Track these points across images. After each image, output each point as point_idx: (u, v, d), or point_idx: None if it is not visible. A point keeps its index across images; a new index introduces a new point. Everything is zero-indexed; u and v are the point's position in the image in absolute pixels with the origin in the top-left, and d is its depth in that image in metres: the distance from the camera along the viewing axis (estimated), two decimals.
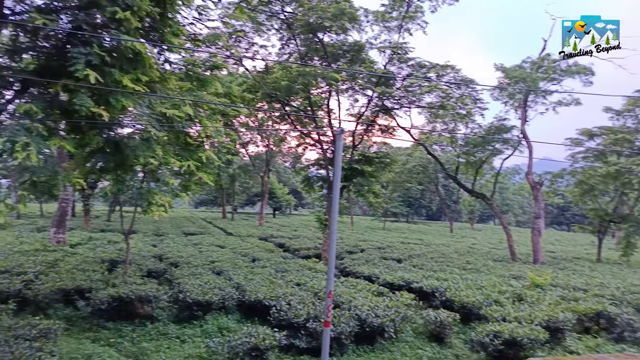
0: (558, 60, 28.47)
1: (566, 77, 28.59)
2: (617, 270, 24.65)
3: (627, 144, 30.65)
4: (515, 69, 27.82)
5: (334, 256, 8.30)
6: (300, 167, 31.66)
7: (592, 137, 32.79)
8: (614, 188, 33.39)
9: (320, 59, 22.44)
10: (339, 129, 8.84)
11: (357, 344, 10.16)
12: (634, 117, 32.77)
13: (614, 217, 32.41)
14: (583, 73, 27.91)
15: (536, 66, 27.94)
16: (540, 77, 27.84)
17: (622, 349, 10.92)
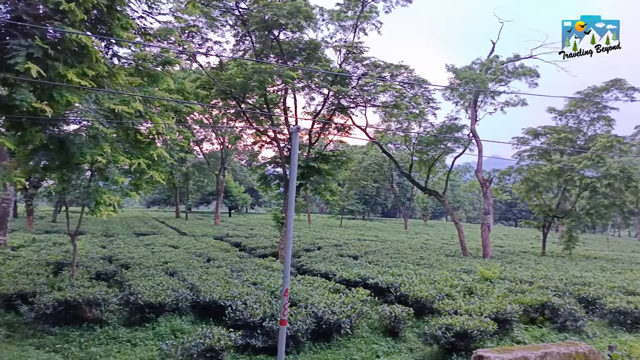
0: (505, 62, 29.72)
1: (513, 79, 29.90)
2: (560, 263, 26.01)
3: (569, 143, 32.41)
4: (466, 70, 28.76)
5: (290, 254, 8.28)
6: (257, 165, 31.37)
7: (537, 136, 34.43)
8: (557, 185, 35.22)
9: (276, 56, 22.32)
10: (295, 126, 8.81)
11: (314, 341, 10.19)
12: (575, 117, 34.68)
13: (557, 213, 34.17)
14: (529, 75, 29.25)
15: (485, 67, 29.00)
16: (489, 78, 28.92)
17: (565, 338, 11.53)
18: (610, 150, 30.17)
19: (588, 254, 35.72)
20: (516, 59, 29.95)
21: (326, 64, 22.07)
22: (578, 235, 33.59)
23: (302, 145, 24.13)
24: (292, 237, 8.53)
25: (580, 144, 33.05)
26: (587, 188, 31.98)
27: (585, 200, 33.38)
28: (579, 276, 18.60)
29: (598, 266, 24.97)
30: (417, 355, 10.18)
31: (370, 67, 22.52)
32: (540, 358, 4.72)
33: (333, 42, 22.83)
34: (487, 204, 30.38)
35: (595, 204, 31.54)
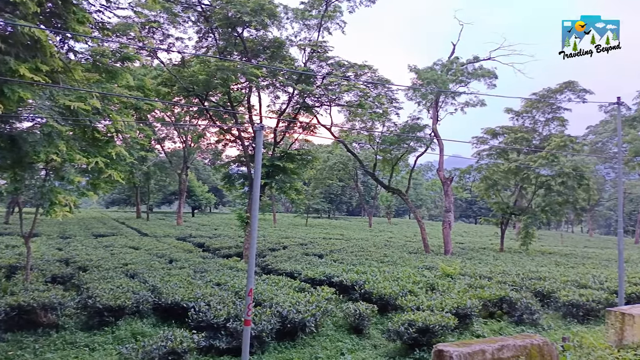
0: (465, 63, 30.50)
1: (473, 80, 30.72)
2: (518, 259, 26.95)
3: (526, 143, 33.60)
4: (427, 70, 29.33)
5: (255, 254, 8.22)
6: (221, 164, 30.95)
7: (495, 136, 35.52)
8: (514, 183, 36.43)
9: (239, 54, 22.07)
10: (259, 125, 8.75)
11: (279, 341, 10.17)
12: (531, 117, 35.98)
13: (515, 210, 35.36)
14: (487, 76, 30.14)
15: (446, 69, 29.67)
16: (450, 79, 29.61)
17: (521, 330, 11.97)
18: (564, 149, 31.48)
19: (543, 250, 37.17)
20: (475, 61, 30.80)
21: (291, 62, 22.02)
22: (534, 231, 34.88)
23: (267, 144, 23.99)
24: (257, 236, 8.48)
25: (536, 144, 34.32)
26: (543, 186, 33.25)
27: (540, 198, 34.68)
28: (535, 271, 19.32)
29: (553, 261, 26.00)
30: (381, 352, 10.32)
31: (334, 66, 22.62)
32: (497, 351, 4.89)
33: (297, 40, 22.78)
34: (448, 202, 31.10)
35: (550, 201, 32.83)
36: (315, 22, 22.45)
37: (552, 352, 5.29)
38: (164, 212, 75.36)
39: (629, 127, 34.38)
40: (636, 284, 15.93)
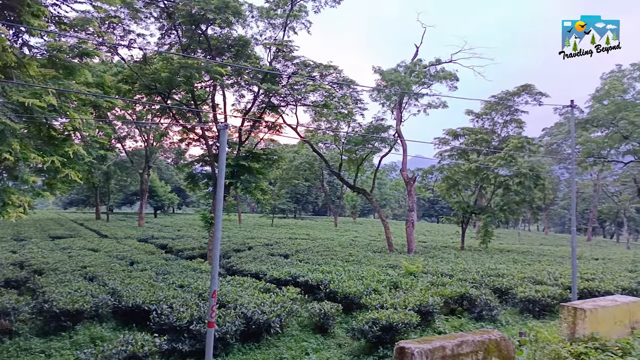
0: (428, 65, 31.12)
1: (435, 82, 31.40)
2: (478, 256, 27.73)
3: (485, 144, 34.63)
4: (391, 72, 29.77)
5: (218, 255, 8.12)
6: (184, 163, 30.39)
7: (456, 137, 36.42)
8: (474, 183, 37.49)
9: (203, 51, 21.75)
10: (223, 124, 8.65)
11: (243, 342, 10.09)
12: (490, 119, 37.11)
13: (475, 209, 36.39)
14: (449, 78, 30.86)
15: (409, 70, 30.19)
16: (413, 80, 30.17)
17: (481, 326, 12.33)
18: (521, 150, 32.63)
19: (502, 248, 38.42)
20: (438, 63, 31.48)
21: (256, 61, 21.87)
22: (493, 230, 36.02)
23: (231, 143, 23.74)
24: (222, 237, 8.39)
25: (495, 145, 35.44)
26: (501, 186, 34.38)
27: (499, 197, 35.84)
28: (493, 268, 19.92)
29: (511, 258, 26.89)
30: (346, 350, 10.41)
31: (300, 66, 22.63)
32: (457, 347, 5.03)
33: (263, 39, 22.69)
34: (411, 202, 31.66)
35: (508, 201, 33.97)
36: (280, 22, 22.41)
37: (508, 347, 5.49)
38: (125, 213, 73.29)
39: (582, 129, 35.94)
40: (588, 280, 16.70)
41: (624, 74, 34.91)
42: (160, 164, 72.67)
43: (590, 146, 36.93)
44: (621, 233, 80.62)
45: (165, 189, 68.21)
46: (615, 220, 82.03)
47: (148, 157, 52.94)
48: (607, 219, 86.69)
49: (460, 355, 5.00)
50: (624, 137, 34.78)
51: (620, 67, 35.39)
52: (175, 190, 72.68)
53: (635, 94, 34.55)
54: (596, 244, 63.52)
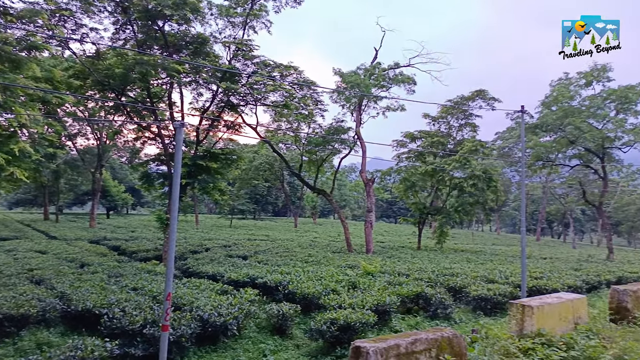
0: (387, 69, 31.63)
1: (394, 85, 31.94)
2: (433, 256, 28.43)
3: (441, 146, 35.56)
4: (351, 74, 30.04)
5: (174, 257, 7.93)
6: (139, 162, 29.46)
7: (413, 139, 37.22)
8: (430, 184, 38.43)
9: (160, 48, 21.19)
10: (179, 122, 8.45)
11: (199, 346, 9.90)
12: (446, 123, 38.15)
13: (431, 210, 37.29)
14: (407, 82, 31.48)
15: (369, 73, 30.56)
16: (373, 83, 30.55)
17: (436, 324, 12.62)
18: (475, 153, 33.73)
19: (456, 247, 39.57)
20: (396, 67, 32.05)
21: (215, 59, 21.52)
22: (448, 230, 37.07)
23: (189, 142, 23.27)
24: (178, 238, 8.19)
25: (450, 148, 36.45)
26: (456, 187, 35.40)
27: (454, 199, 36.88)
28: (448, 268, 20.48)
29: (464, 258, 27.75)
30: (303, 351, 10.40)
31: (260, 65, 22.45)
32: (411, 344, 5.13)
33: (222, 37, 22.36)
34: (370, 203, 32.06)
35: (463, 202, 35.01)
36: (240, 20, 22.17)
37: (460, 344, 5.65)
38: (75, 214, 70.34)
39: (532, 133, 37.47)
40: (537, 278, 17.45)
41: (571, 81, 36.69)
42: (113, 162, 70.20)
43: (539, 150, 38.59)
44: (567, 233, 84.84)
45: (118, 189, 65.94)
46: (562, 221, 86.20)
47: (101, 155, 51.06)
48: (554, 220, 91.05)
49: (414, 353, 5.10)
50: (570, 141, 36.56)
51: (568, 75, 37.16)
52: (130, 190, 70.38)
53: (581, 100, 36.35)
54: (545, 243, 66.56)
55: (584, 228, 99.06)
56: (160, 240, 26.48)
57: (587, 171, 49.41)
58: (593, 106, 35.44)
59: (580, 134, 35.00)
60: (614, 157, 41.24)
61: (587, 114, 35.35)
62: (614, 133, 36.14)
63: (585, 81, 35.89)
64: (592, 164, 40.29)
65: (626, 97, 34.05)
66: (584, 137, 35.11)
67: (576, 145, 37.57)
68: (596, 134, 34.97)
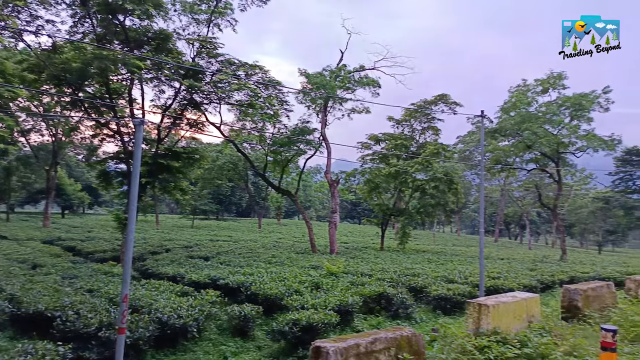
0: (352, 71, 31.91)
1: (359, 88, 32.25)
2: (396, 256, 28.84)
3: (404, 149, 36.16)
4: (317, 75, 30.14)
5: (131, 257, 7.71)
6: (96, 160, 28.50)
7: (378, 142, 37.70)
8: (394, 186, 39.01)
9: (121, 43, 20.56)
10: (139, 119, 8.22)
11: (158, 348, 9.65)
12: (409, 126, 38.84)
13: (394, 211, 37.87)
14: (372, 85, 31.86)
15: (334, 75, 30.74)
16: (338, 85, 30.76)
17: (397, 324, 12.78)
18: (437, 156, 34.48)
19: (418, 248, 40.32)
20: (361, 70, 32.38)
21: (178, 56, 21.07)
22: (410, 231, 37.73)
23: (150, 140, 22.71)
24: (138, 239, 7.97)
25: (413, 150, 37.12)
26: (418, 189, 36.09)
27: (416, 200, 37.60)
28: (410, 268, 20.81)
29: (426, 258, 28.27)
30: (265, 353, 10.32)
31: (224, 64, 22.17)
32: (370, 344, 5.17)
33: (186, 34, 21.94)
34: (334, 204, 32.22)
35: (425, 204, 35.73)
36: (205, 17, 21.84)
37: (419, 343, 5.75)
38: (28, 213, 67.34)
39: (491, 138, 38.65)
40: (494, 278, 17.97)
41: (529, 88, 38.07)
42: (69, 160, 67.64)
43: (498, 154, 39.86)
44: (524, 235, 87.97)
45: (74, 188, 63.62)
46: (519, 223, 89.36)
47: (56, 152, 49.09)
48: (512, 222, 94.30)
49: (373, 352, 5.14)
50: (527, 146, 37.93)
51: (526, 82, 38.53)
52: (86, 189, 67.99)
53: (537, 107, 37.77)
54: (502, 244, 68.78)
55: (540, 230, 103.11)
56: (119, 240, 25.71)
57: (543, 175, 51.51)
58: (549, 112, 36.88)
59: (537, 139, 36.37)
60: (568, 161, 43.07)
61: (543, 120, 36.76)
62: (568, 139, 37.74)
63: (542, 88, 37.31)
64: (547, 168, 41.89)
65: (580, 105, 35.62)
66: (540, 142, 36.52)
67: (533, 150, 39.03)
68: (551, 139, 36.42)
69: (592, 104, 35.79)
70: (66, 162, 65.25)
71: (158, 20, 20.08)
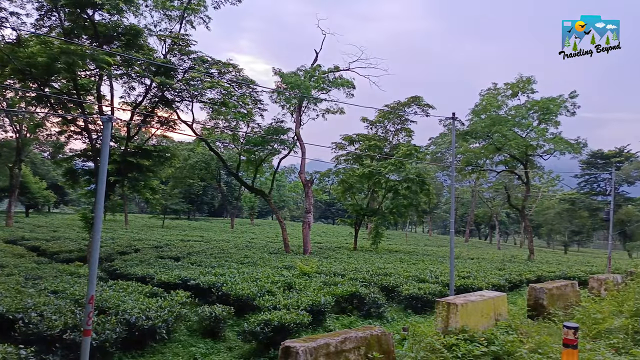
0: (327, 72, 31.97)
1: (333, 88, 32.31)
2: (368, 256, 29.03)
3: (378, 150, 36.47)
4: (291, 75, 30.06)
5: (98, 257, 7.51)
6: (63, 158, 27.65)
7: (352, 142, 37.91)
8: (367, 187, 39.30)
9: (89, 38, 20.02)
10: (107, 116, 8.02)
11: (125, 351, 9.44)
12: (383, 127, 39.19)
13: (367, 212, 38.13)
14: (346, 86, 31.97)
15: (309, 75, 30.73)
16: (313, 85, 30.74)
17: (369, 323, 12.86)
18: (410, 157, 34.89)
19: (391, 248, 40.73)
20: (336, 70, 32.47)
21: (149, 53, 20.63)
22: (383, 231, 38.09)
23: (119, 138, 22.18)
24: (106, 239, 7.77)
25: (387, 151, 37.48)
26: (391, 190, 36.44)
27: (389, 201, 37.95)
28: (382, 267, 20.98)
29: (398, 258, 28.57)
30: (236, 354, 10.22)
31: (197, 61, 21.86)
32: (340, 343, 5.18)
33: (158, 31, 21.54)
34: (308, 204, 32.21)
35: (397, 204, 36.10)
36: (177, 14, 21.48)
37: (389, 341, 5.79)
38: None
39: (463, 140, 39.33)
40: (464, 278, 18.30)
41: (499, 91, 38.93)
42: (34, 157, 65.52)
43: (469, 156, 40.62)
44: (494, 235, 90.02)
45: (39, 186, 61.62)
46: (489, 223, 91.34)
47: (20, 149, 47.46)
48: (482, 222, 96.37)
49: (343, 352, 5.15)
50: (497, 148, 38.80)
51: (496, 86, 39.40)
52: (52, 187, 66.02)
53: (507, 110, 38.66)
54: (472, 244, 70.17)
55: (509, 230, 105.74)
56: (85, 240, 25.04)
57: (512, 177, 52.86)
58: (518, 116, 37.81)
59: (506, 142, 37.24)
60: (536, 164, 44.27)
61: (512, 123, 37.65)
62: (536, 141, 38.79)
63: (512, 92, 38.21)
64: (516, 170, 42.96)
65: (547, 109, 36.65)
66: (510, 144, 37.41)
67: (502, 152, 39.94)
68: (520, 142, 37.35)
69: (559, 108, 36.86)
70: (31, 159, 63.17)
71: (129, 15, 19.64)
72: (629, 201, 63.76)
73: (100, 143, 20.57)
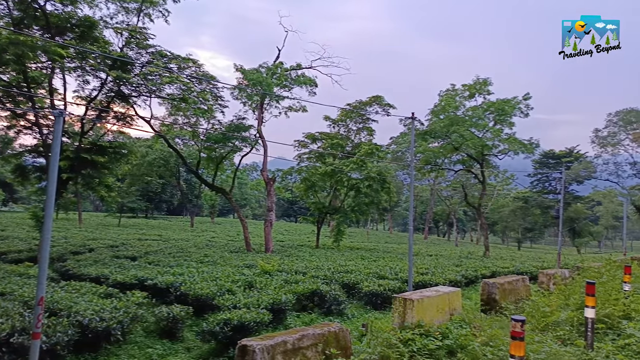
0: (289, 69, 31.87)
1: (296, 86, 32.24)
2: (330, 254, 29.21)
3: (340, 148, 36.73)
4: (253, 72, 29.79)
5: (47, 257, 7.23)
6: (12, 153, 26.33)
7: (315, 140, 38.03)
8: (330, 185, 39.51)
9: (41, 29, 19.16)
10: (59, 110, 7.71)
11: (78, 353, 9.12)
12: (345, 126, 39.51)
13: (329, 209, 38.34)
14: (309, 84, 31.97)
15: (271, 72, 30.53)
16: (275, 82, 30.57)
17: (330, 320, 12.96)
18: (371, 156, 35.33)
19: (352, 245, 41.12)
20: (298, 68, 32.41)
21: (104, 45, 19.95)
22: (345, 229, 38.41)
23: (73, 133, 21.35)
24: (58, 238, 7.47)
25: (349, 150, 37.80)
26: (353, 188, 36.83)
27: (351, 199, 38.32)
28: (343, 265, 21.16)
29: (359, 256, 28.89)
30: (194, 354, 10.08)
31: (155, 55, 21.33)
32: (298, 340, 5.21)
33: (114, 23, 20.85)
34: (270, 202, 32.05)
35: (359, 202, 36.51)
36: (135, 6, 20.86)
37: (346, 338, 5.86)
38: None
39: (422, 139, 40.16)
40: (423, 274, 18.72)
41: (457, 92, 39.98)
42: None
43: (428, 155, 41.54)
44: (452, 232, 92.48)
45: None
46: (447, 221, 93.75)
47: None
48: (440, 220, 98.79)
49: (301, 349, 5.18)
50: (455, 148, 39.86)
51: (454, 87, 40.43)
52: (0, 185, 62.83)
53: (465, 111, 39.78)
54: (431, 242, 71.86)
55: (466, 227, 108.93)
56: (36, 240, 23.95)
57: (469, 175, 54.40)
58: (475, 116, 38.97)
59: (464, 142, 38.32)
60: (492, 163, 45.78)
61: (469, 124, 38.77)
62: (492, 141, 40.13)
63: (469, 93, 39.34)
64: (473, 169, 44.27)
65: (503, 110, 37.96)
66: (467, 144, 38.52)
67: (460, 152, 41.06)
68: (477, 142, 38.53)
69: (513, 109, 38.25)
70: None
71: (83, 6, 18.94)
72: (578, 199, 66.96)
73: (52, 138, 19.78)
